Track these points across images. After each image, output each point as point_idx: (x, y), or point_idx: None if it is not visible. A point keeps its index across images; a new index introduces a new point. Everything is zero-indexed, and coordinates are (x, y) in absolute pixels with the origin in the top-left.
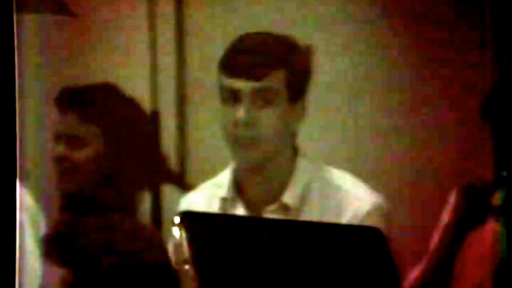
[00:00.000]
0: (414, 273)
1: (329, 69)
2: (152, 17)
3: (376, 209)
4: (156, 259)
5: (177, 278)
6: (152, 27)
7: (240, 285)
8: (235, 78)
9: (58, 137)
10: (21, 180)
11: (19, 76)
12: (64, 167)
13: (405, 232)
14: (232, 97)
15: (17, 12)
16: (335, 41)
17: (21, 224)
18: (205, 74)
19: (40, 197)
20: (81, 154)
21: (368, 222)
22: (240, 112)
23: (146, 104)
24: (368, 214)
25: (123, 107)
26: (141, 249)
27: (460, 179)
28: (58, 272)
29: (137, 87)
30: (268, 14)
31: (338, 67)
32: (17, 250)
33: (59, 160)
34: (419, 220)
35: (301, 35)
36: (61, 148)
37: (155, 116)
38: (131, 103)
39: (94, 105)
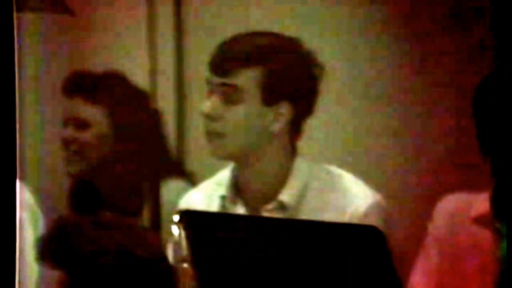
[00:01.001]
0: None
1: (329, 71)
2: (152, 17)
3: (375, 208)
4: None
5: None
6: (152, 27)
7: (239, 284)
8: (211, 72)
9: (66, 122)
10: (21, 180)
11: (19, 76)
12: (72, 150)
13: (405, 231)
14: (208, 91)
15: (17, 11)
16: (337, 43)
17: (21, 223)
18: (205, 74)
19: (40, 197)
20: (87, 135)
21: (367, 221)
22: (206, 106)
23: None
24: (367, 213)
25: (128, 92)
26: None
27: (460, 178)
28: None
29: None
30: (269, 14)
31: (338, 69)
32: (17, 250)
33: (68, 143)
34: (419, 219)
35: (300, 35)
36: (69, 131)
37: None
38: (136, 90)
39: (99, 88)
